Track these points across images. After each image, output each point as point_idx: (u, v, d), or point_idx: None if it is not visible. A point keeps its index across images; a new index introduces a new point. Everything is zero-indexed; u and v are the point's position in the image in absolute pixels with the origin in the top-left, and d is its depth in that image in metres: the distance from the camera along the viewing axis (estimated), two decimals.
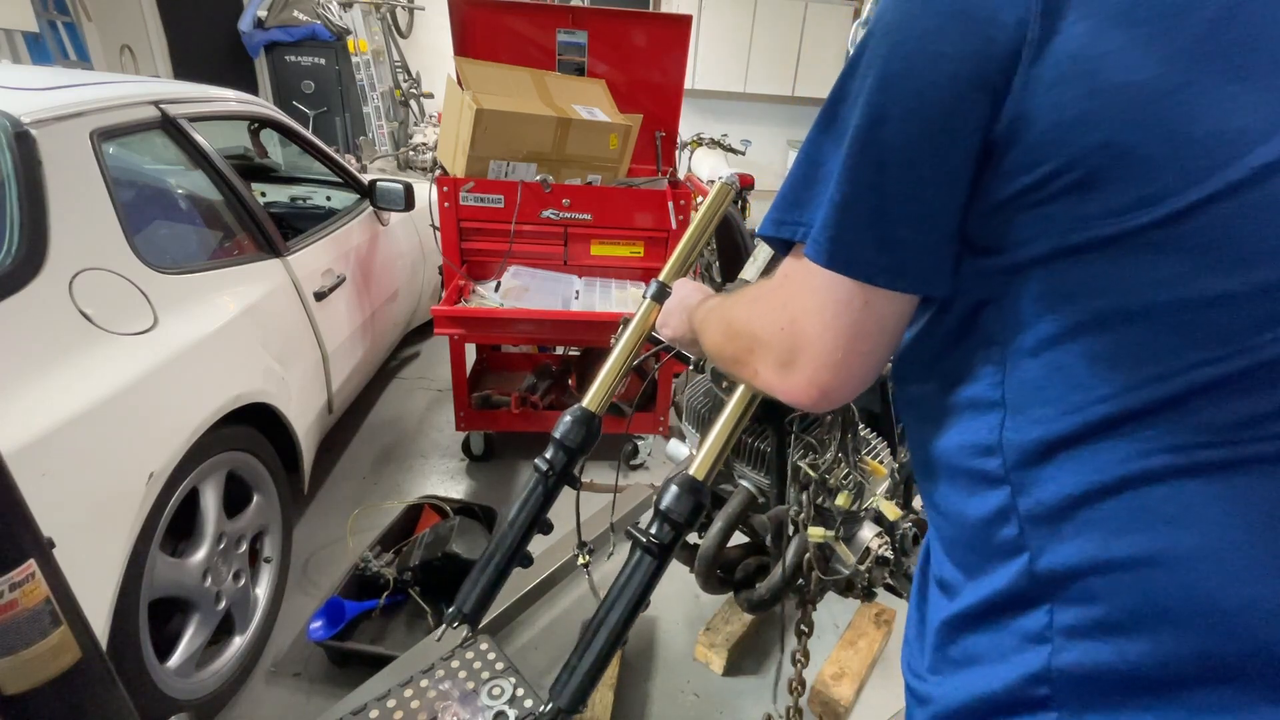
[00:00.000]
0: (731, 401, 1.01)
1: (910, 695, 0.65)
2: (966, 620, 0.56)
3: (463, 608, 1.16)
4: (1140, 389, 0.46)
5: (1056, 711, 0.49)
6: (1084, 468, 0.48)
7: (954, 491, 0.57)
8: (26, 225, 1.22)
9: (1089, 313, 0.47)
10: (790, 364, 0.56)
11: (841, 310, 0.53)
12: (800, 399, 0.57)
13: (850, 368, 0.54)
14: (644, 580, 0.97)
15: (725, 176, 1.28)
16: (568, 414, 1.18)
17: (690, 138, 4.72)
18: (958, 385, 0.55)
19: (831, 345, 0.54)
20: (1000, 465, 0.52)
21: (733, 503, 1.28)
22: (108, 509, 1.19)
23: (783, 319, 0.57)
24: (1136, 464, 0.46)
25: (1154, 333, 0.45)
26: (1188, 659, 0.45)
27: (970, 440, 0.54)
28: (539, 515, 1.19)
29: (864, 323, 0.53)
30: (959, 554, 0.59)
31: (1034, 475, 0.50)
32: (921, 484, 0.65)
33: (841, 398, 0.57)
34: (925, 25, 0.47)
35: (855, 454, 1.14)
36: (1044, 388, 0.49)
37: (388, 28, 5.80)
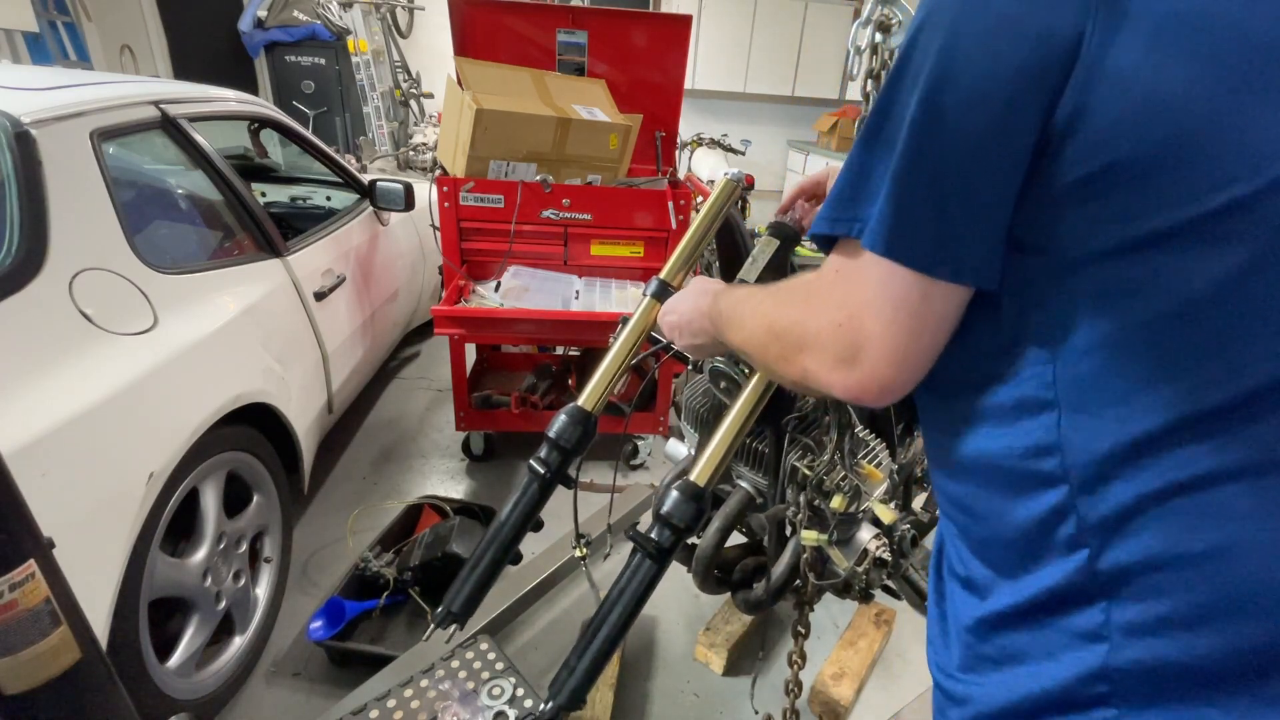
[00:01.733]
0: (735, 407, 1.00)
1: (943, 695, 0.65)
2: (1005, 619, 0.57)
3: (451, 607, 1.15)
4: (1211, 386, 0.46)
5: (1116, 708, 0.50)
6: (1161, 466, 0.48)
7: (994, 493, 0.57)
8: (26, 225, 1.22)
9: (1148, 309, 0.47)
10: (852, 360, 0.56)
11: (901, 304, 0.53)
12: (861, 395, 0.57)
13: (910, 361, 0.54)
14: (643, 583, 0.97)
15: (732, 173, 1.27)
16: (563, 413, 1.17)
17: (690, 138, 4.72)
18: (1000, 386, 0.55)
19: (893, 340, 0.54)
20: (1059, 465, 0.51)
21: (731, 503, 1.28)
22: (108, 509, 1.19)
23: (839, 316, 0.57)
24: (1212, 461, 0.46)
25: (1219, 327, 0.46)
26: (1259, 651, 0.46)
27: (1021, 442, 0.54)
28: (531, 515, 1.19)
29: (924, 316, 0.53)
30: (994, 553, 0.58)
31: (1102, 473, 0.50)
32: (947, 486, 0.64)
33: (900, 392, 0.57)
34: (984, 24, 0.47)
35: (851, 457, 1.14)
36: (1104, 387, 0.49)
37: (388, 28, 5.81)
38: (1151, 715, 0.49)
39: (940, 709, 0.65)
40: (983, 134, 0.48)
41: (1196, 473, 0.47)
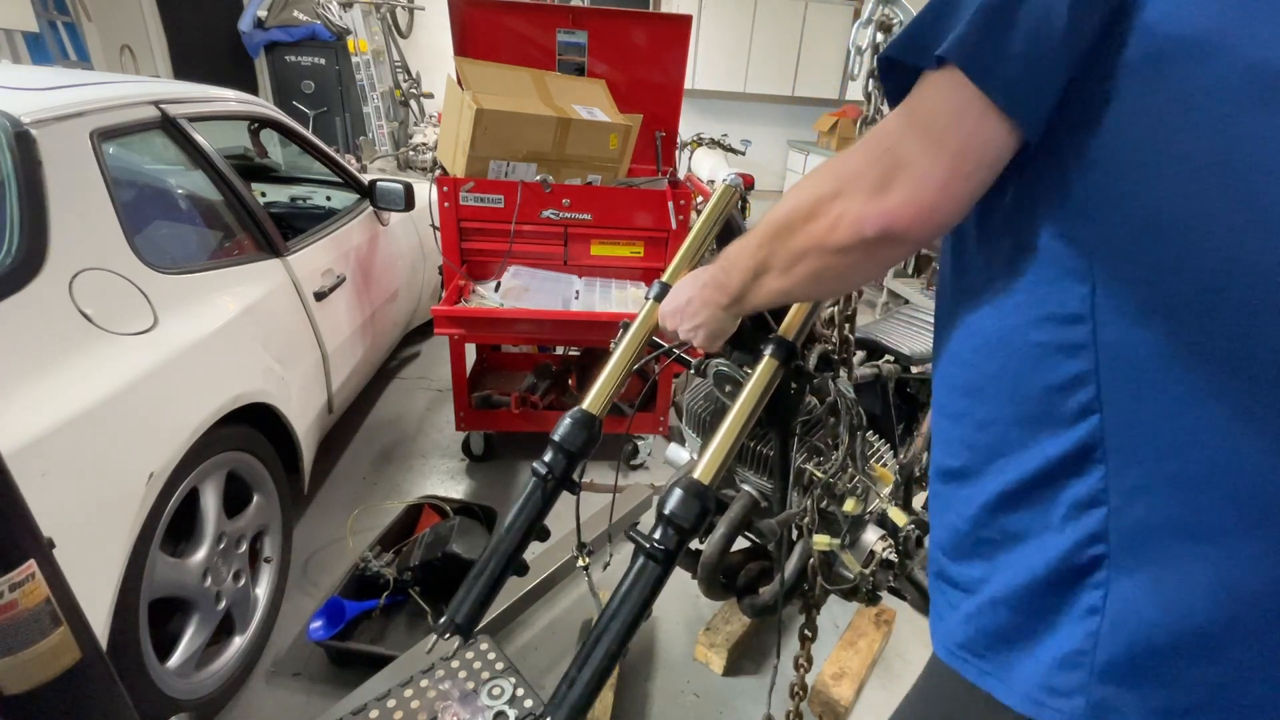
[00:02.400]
0: (738, 403, 0.99)
1: (946, 590, 0.67)
2: (1006, 499, 0.59)
3: (455, 617, 1.12)
4: (1248, 245, 0.48)
5: (1109, 570, 0.54)
6: (1187, 325, 0.50)
7: (1012, 367, 0.59)
8: (26, 225, 1.22)
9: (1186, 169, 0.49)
10: (887, 185, 0.55)
11: (954, 121, 0.52)
12: (894, 223, 0.55)
13: (951, 189, 0.54)
14: (647, 587, 0.94)
15: (729, 178, 1.26)
16: (568, 416, 1.15)
17: (690, 138, 4.72)
18: (1035, 256, 0.56)
19: (934, 160, 0.53)
20: (1089, 333, 0.54)
21: (735, 508, 1.27)
22: (108, 509, 1.19)
23: (877, 150, 0.56)
24: (1242, 323, 0.49)
25: (1260, 189, 0.48)
26: (1257, 499, 0.50)
27: (1055, 311, 0.55)
28: (536, 521, 1.16)
29: (972, 141, 0.53)
30: (995, 432, 0.61)
31: (1130, 338, 0.52)
32: (957, 374, 0.66)
33: (934, 225, 0.55)
34: None
35: (864, 459, 1.13)
36: (1138, 256, 0.51)
37: (388, 28, 5.80)
38: (1142, 575, 0.53)
39: (946, 607, 0.67)
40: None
41: (1225, 334, 0.49)
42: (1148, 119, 0.50)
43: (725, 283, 0.79)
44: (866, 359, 1.63)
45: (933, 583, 0.71)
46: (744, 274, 0.76)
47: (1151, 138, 0.50)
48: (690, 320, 0.91)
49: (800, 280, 0.67)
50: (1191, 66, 0.48)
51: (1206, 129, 0.48)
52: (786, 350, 1.01)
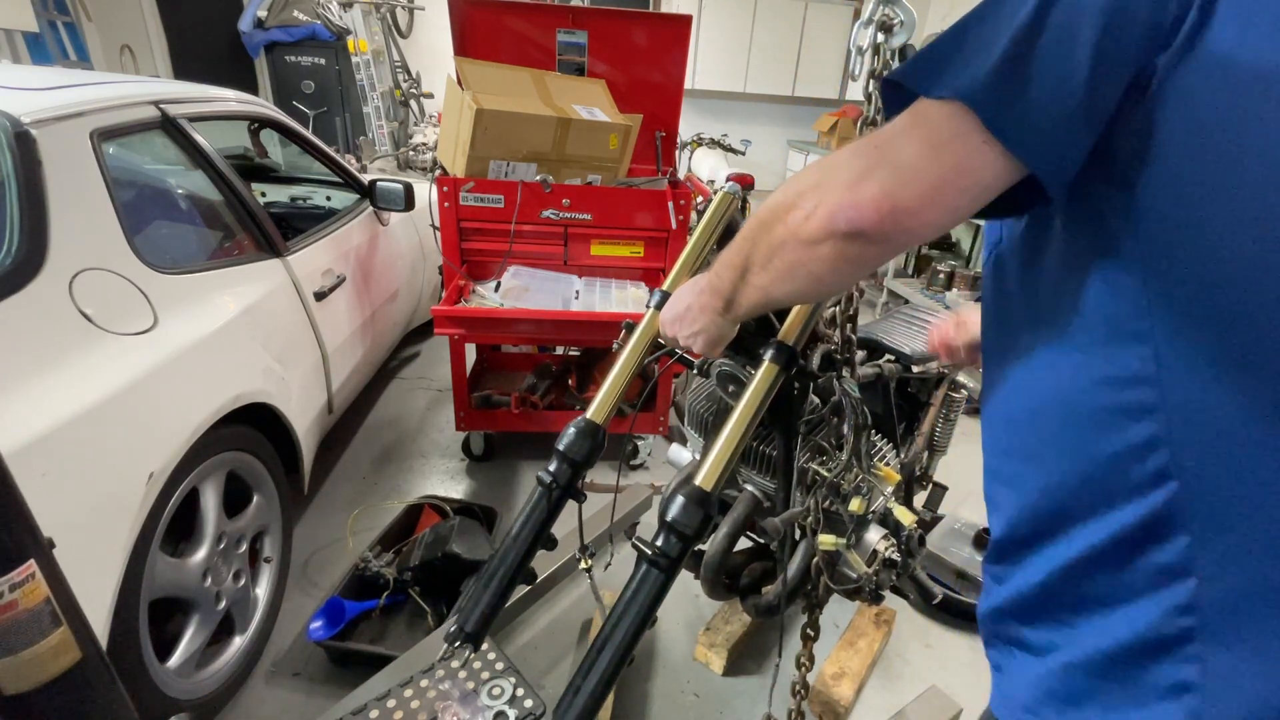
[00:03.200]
0: (738, 408, 0.99)
1: (1011, 651, 0.64)
2: (1081, 564, 0.57)
3: (465, 626, 1.12)
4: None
5: (1203, 643, 0.51)
6: (1264, 380, 0.48)
7: (1072, 431, 0.56)
8: (26, 225, 1.22)
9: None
10: (865, 177, 0.52)
11: (954, 138, 0.50)
12: (865, 214, 0.52)
13: (935, 196, 0.52)
14: (651, 594, 0.93)
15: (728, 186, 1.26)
16: (571, 426, 1.15)
17: (690, 138, 4.72)
18: (1092, 315, 0.54)
19: (927, 164, 0.51)
20: (1156, 394, 0.51)
21: (738, 508, 1.27)
22: (108, 509, 1.19)
23: (867, 147, 0.54)
24: None
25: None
26: None
27: (1114, 373, 0.53)
28: (542, 530, 1.16)
29: (970, 162, 0.50)
30: (1062, 498, 0.58)
31: (1204, 400, 0.50)
32: (1003, 435, 0.64)
33: (907, 228, 0.53)
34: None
35: (869, 459, 1.13)
36: (1202, 311, 0.49)
37: (388, 28, 5.80)
38: (1244, 648, 0.50)
39: (1011, 668, 0.64)
40: (1100, 41, 0.47)
41: None
42: (1194, 177, 0.48)
43: (719, 286, 0.78)
44: (868, 358, 1.63)
45: (992, 642, 0.68)
46: (733, 272, 0.73)
47: (1200, 193, 0.48)
48: (689, 327, 0.91)
49: (776, 276, 0.64)
50: (1234, 133, 0.46)
51: (1261, 184, 0.46)
52: (787, 354, 1.01)
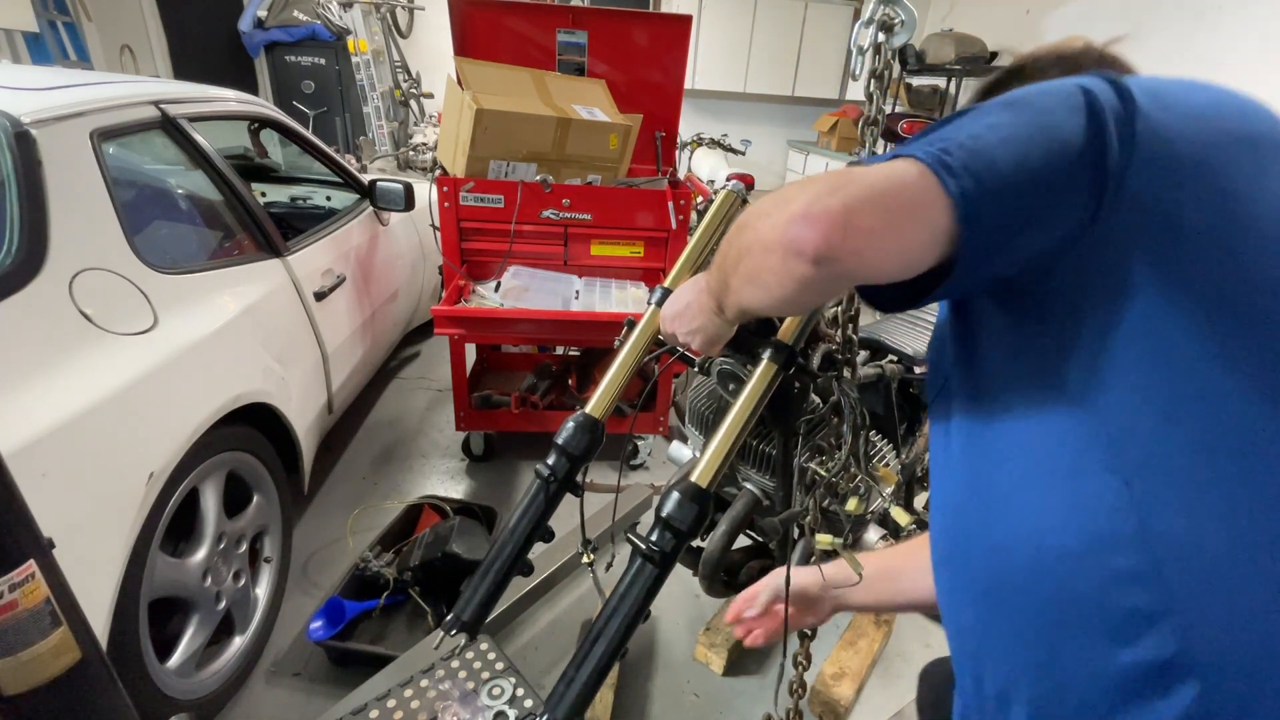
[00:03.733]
0: (736, 406, 0.99)
1: None
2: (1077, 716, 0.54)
3: (461, 615, 1.14)
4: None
5: None
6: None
7: (1041, 568, 0.55)
8: (26, 225, 1.22)
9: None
10: (833, 192, 0.53)
11: (911, 183, 0.52)
12: (817, 224, 0.53)
13: (882, 230, 0.52)
14: (644, 589, 0.94)
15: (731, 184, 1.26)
16: (571, 420, 1.16)
17: (690, 138, 4.72)
18: (1050, 448, 0.56)
19: (883, 198, 0.52)
20: (1135, 525, 0.50)
21: (737, 506, 1.27)
22: (108, 509, 1.19)
23: (852, 173, 0.55)
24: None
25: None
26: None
27: (1083, 502, 0.53)
28: (540, 523, 1.17)
29: (919, 207, 0.52)
30: (1040, 649, 0.56)
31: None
32: (958, 576, 0.63)
33: (849, 250, 0.53)
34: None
35: (867, 459, 1.13)
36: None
37: (388, 28, 5.81)
38: None
39: None
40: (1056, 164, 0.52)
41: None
42: (1145, 320, 0.51)
43: (713, 286, 0.79)
44: (870, 359, 1.63)
45: None
46: (718, 275, 0.73)
47: (1154, 337, 0.51)
48: (688, 324, 0.92)
49: (743, 280, 0.64)
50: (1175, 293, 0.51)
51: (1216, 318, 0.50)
52: (785, 354, 1.01)
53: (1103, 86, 0.55)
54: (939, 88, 6.14)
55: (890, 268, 0.54)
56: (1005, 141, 0.53)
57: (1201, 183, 0.53)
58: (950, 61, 5.34)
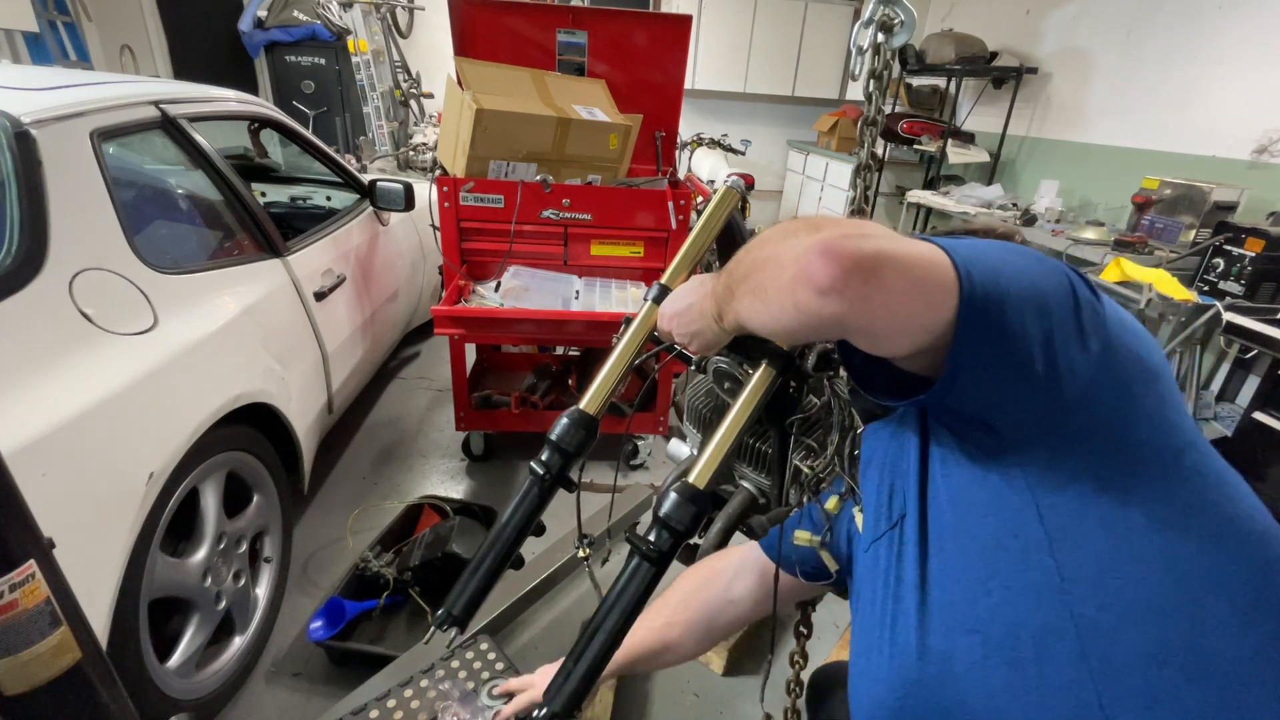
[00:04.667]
0: (733, 410, 1.00)
1: None
2: None
3: (452, 610, 1.15)
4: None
5: None
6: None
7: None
8: (26, 225, 1.22)
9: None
10: (872, 239, 0.54)
11: (935, 266, 0.54)
12: (839, 258, 0.52)
13: (899, 289, 0.54)
14: (641, 587, 0.95)
15: (731, 180, 1.26)
16: (564, 416, 1.16)
17: (690, 138, 4.71)
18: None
19: (907, 262, 0.54)
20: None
21: (733, 503, 1.27)
22: (108, 509, 1.19)
23: (889, 232, 0.57)
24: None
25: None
26: None
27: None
28: (533, 518, 1.18)
29: (933, 286, 0.54)
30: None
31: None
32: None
33: (860, 296, 0.53)
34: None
35: (850, 459, 1.13)
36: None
37: (388, 28, 5.80)
38: None
39: None
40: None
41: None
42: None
43: (719, 293, 0.78)
44: None
45: None
46: (728, 282, 0.73)
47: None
48: (687, 326, 0.93)
49: (747, 289, 0.65)
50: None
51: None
52: (783, 359, 1.02)
53: (1075, 275, 0.62)
54: (939, 88, 6.14)
55: (885, 331, 0.56)
56: (1019, 272, 0.57)
57: (1132, 392, 0.61)
58: (950, 61, 5.34)
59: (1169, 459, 0.61)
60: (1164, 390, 0.63)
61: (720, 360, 1.18)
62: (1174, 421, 0.62)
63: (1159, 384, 0.63)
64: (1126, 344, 0.61)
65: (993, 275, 0.55)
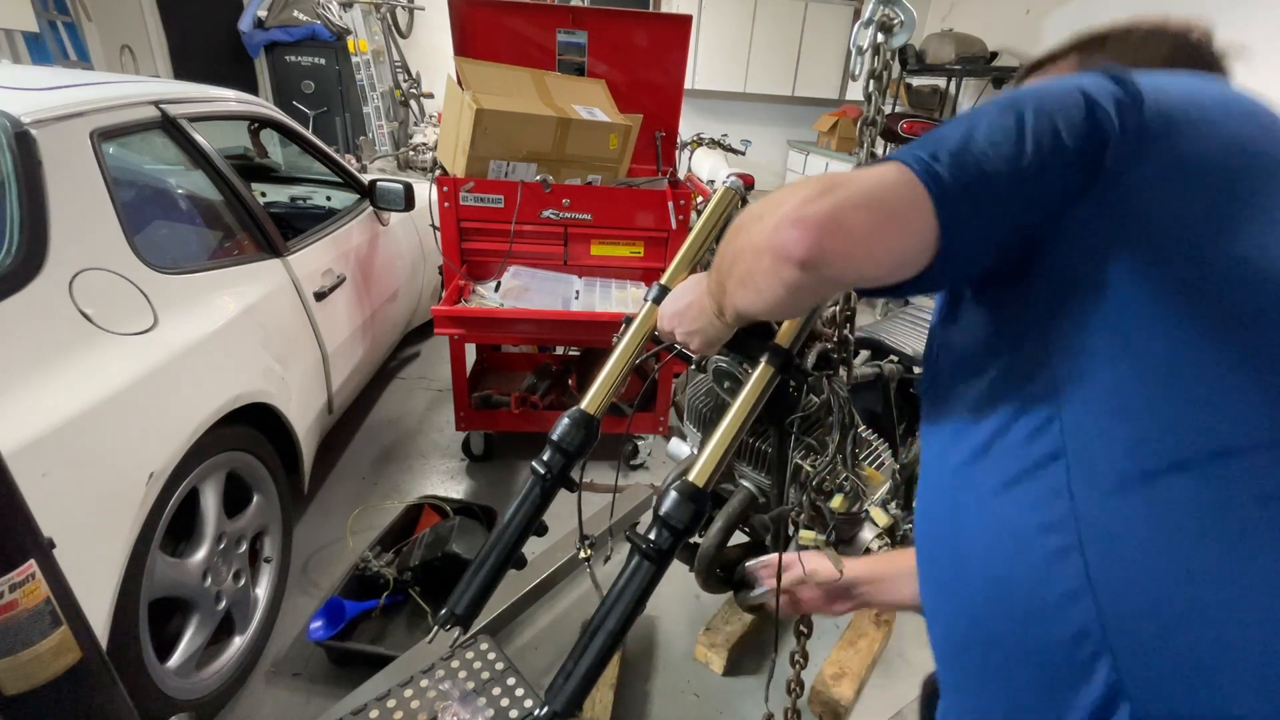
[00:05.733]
0: (733, 409, 1.00)
1: None
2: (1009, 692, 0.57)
3: (455, 609, 1.15)
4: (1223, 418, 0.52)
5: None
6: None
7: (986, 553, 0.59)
8: (26, 225, 1.22)
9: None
10: (821, 196, 0.54)
11: (896, 188, 0.53)
12: (806, 229, 0.53)
13: (867, 237, 0.53)
14: (641, 585, 0.96)
15: (730, 181, 1.26)
16: (565, 416, 1.17)
17: (690, 138, 4.71)
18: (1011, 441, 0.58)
19: (869, 204, 0.53)
20: (1069, 508, 0.54)
21: (733, 502, 1.27)
22: (108, 509, 1.19)
23: (839, 177, 0.56)
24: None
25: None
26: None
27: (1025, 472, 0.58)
28: (534, 518, 1.18)
29: (905, 214, 0.53)
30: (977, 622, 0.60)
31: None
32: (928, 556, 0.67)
33: (837, 251, 0.53)
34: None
35: (854, 458, 1.13)
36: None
37: (388, 28, 5.80)
38: None
39: None
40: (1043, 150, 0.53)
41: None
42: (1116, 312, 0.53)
43: (713, 289, 0.79)
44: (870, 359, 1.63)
45: None
46: (716, 278, 0.74)
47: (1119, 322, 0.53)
48: (687, 325, 0.93)
49: (737, 282, 0.65)
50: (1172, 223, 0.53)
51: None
52: (782, 357, 1.02)
53: (1104, 82, 0.56)
54: (939, 88, 6.14)
55: (879, 271, 0.55)
56: (996, 145, 0.54)
57: (1195, 184, 0.54)
58: (950, 61, 5.34)
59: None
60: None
61: (720, 359, 1.18)
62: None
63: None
64: (1189, 133, 0.54)
65: (965, 159, 0.53)
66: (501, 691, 1.43)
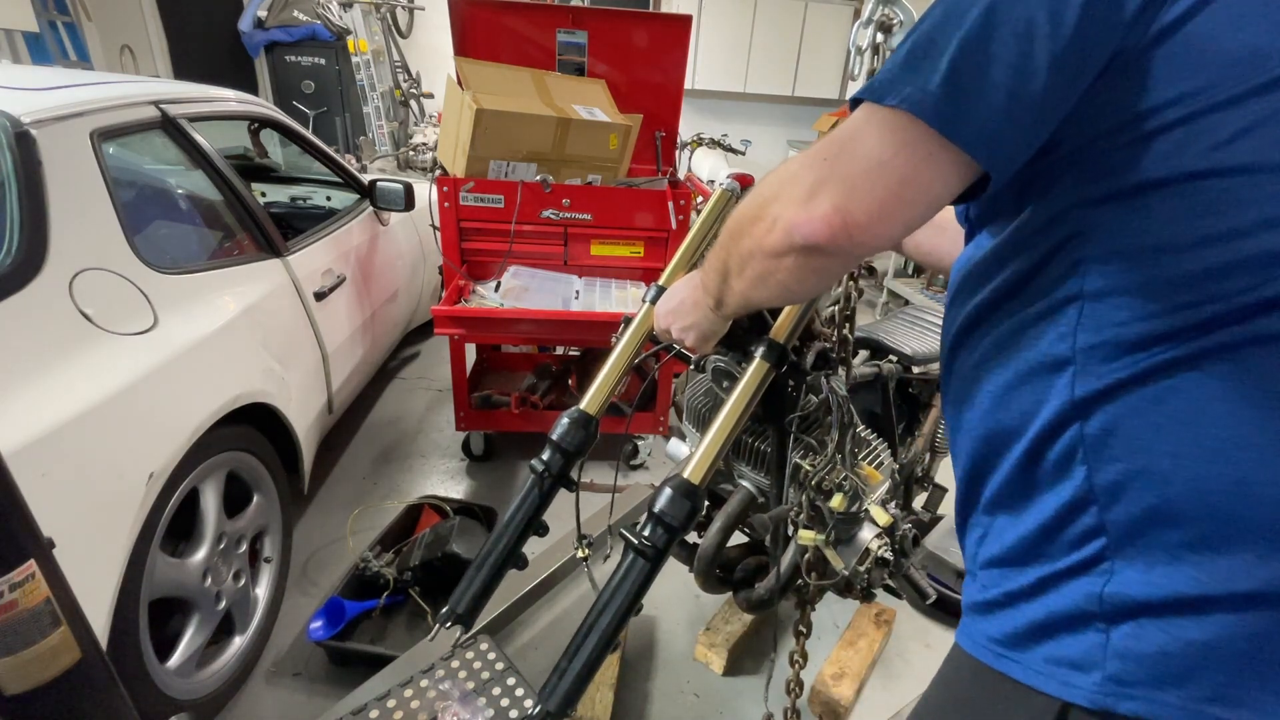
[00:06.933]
0: (728, 404, 1.00)
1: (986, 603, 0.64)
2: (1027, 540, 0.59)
3: (456, 608, 1.15)
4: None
5: (1110, 560, 0.54)
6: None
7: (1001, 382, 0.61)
8: (26, 225, 1.22)
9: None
10: (815, 194, 0.53)
11: (902, 149, 0.50)
12: (818, 231, 0.53)
13: (884, 211, 0.52)
14: (636, 583, 0.95)
15: (725, 182, 1.27)
16: (565, 416, 1.17)
17: (690, 138, 4.71)
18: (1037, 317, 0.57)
19: (875, 177, 0.51)
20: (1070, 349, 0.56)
21: (733, 502, 1.27)
22: (108, 509, 1.19)
23: (817, 159, 0.54)
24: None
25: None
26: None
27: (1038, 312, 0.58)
28: (534, 517, 1.19)
29: (919, 172, 0.51)
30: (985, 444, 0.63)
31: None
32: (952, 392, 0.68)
33: (861, 242, 0.53)
34: None
35: (853, 457, 1.13)
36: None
37: (388, 28, 5.80)
38: (1139, 565, 0.53)
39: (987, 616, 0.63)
40: (1064, 28, 0.47)
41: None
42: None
43: (708, 284, 0.79)
44: (870, 359, 1.63)
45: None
46: (716, 275, 0.74)
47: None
48: (682, 321, 0.93)
49: (750, 283, 0.65)
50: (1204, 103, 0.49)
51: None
52: (777, 352, 1.02)
53: None
54: None
55: (914, 215, 0.53)
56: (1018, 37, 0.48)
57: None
58: None
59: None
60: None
61: (719, 359, 1.18)
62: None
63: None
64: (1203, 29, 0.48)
65: (935, 60, 0.49)
66: (501, 691, 1.43)
